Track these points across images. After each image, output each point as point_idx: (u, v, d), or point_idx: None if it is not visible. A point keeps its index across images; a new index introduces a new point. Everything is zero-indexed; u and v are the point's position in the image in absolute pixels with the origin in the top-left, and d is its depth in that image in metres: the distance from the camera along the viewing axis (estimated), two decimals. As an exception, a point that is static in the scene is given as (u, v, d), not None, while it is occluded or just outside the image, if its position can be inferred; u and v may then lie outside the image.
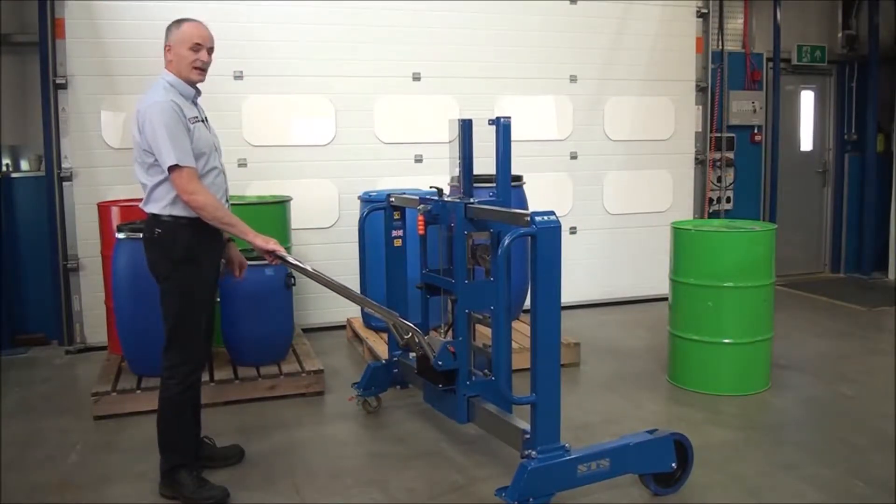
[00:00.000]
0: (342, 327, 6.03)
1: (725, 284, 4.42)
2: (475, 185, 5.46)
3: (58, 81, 5.45)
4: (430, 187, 3.94)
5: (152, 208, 3.21)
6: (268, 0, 5.87)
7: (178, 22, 3.26)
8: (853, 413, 4.26)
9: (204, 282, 3.29)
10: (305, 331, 5.72)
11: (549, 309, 2.96)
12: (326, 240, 6.13)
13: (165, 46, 3.24)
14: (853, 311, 6.72)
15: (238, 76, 5.85)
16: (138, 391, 4.30)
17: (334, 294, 3.62)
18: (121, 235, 4.45)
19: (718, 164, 7.57)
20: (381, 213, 5.37)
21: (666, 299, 4.93)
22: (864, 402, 4.42)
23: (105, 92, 5.59)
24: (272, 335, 4.69)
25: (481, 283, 3.54)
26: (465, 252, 3.50)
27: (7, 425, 4.15)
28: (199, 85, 3.33)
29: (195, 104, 3.31)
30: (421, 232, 3.76)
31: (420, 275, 3.92)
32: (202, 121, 3.29)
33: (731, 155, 7.69)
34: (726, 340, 4.47)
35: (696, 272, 4.50)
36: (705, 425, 4.04)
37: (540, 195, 5.74)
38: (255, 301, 4.59)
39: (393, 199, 4.20)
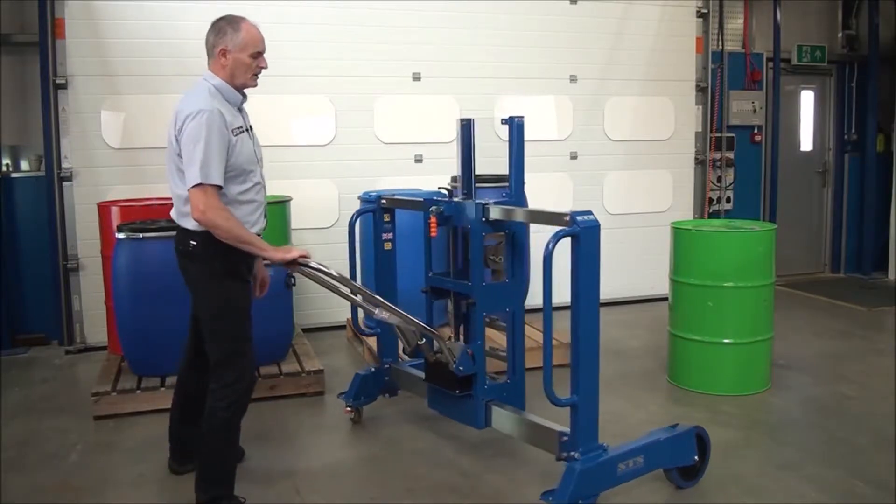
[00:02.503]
0: (342, 327, 6.03)
1: (725, 284, 4.42)
2: (480, 185, 5.49)
3: (58, 81, 5.45)
4: (440, 188, 3.90)
5: (185, 223, 3.01)
6: (268, 0, 5.87)
7: (234, 23, 3.01)
8: (853, 413, 4.26)
9: (247, 296, 3.14)
10: (305, 331, 5.72)
11: (590, 309, 3.02)
12: (326, 240, 6.13)
13: (219, 50, 2.99)
14: (853, 311, 6.72)
15: (238, 76, 5.84)
16: (138, 391, 4.29)
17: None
18: (121, 235, 4.45)
19: (718, 164, 7.57)
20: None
21: (666, 299, 4.93)
22: (864, 402, 4.42)
23: (105, 92, 5.59)
24: (272, 335, 4.69)
25: (499, 285, 3.49)
26: (482, 254, 3.43)
27: (7, 425, 4.15)
28: None
29: (240, 111, 3.11)
30: (434, 234, 3.60)
31: (425, 278, 3.75)
32: (247, 130, 3.09)
33: (731, 155, 7.69)
34: (726, 340, 4.47)
35: (696, 272, 4.50)
36: (705, 425, 4.02)
37: (540, 195, 5.74)
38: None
39: (384, 200, 4.07)
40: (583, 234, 2.93)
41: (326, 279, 3.35)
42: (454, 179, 5.71)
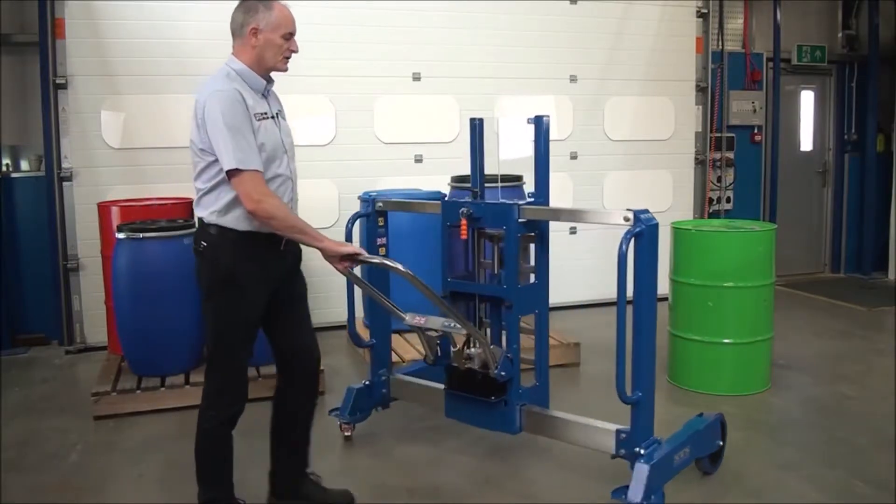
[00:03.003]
0: (342, 327, 6.01)
1: (725, 284, 4.42)
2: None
3: (58, 81, 5.45)
4: (470, 189, 3.81)
5: (199, 212, 2.88)
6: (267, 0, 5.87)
7: (266, 1, 2.83)
8: (853, 413, 4.26)
9: (249, 306, 2.85)
10: (305, 331, 5.71)
11: (650, 307, 3.04)
12: (326, 240, 6.12)
13: (250, 28, 2.78)
14: (853, 311, 6.72)
15: (238, 76, 5.84)
16: (138, 391, 4.30)
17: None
18: (121, 235, 4.45)
19: (718, 164, 7.57)
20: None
21: (666, 299, 4.92)
22: (864, 402, 4.42)
23: (105, 92, 5.59)
24: (272, 335, 4.68)
25: (531, 287, 3.44)
26: (518, 255, 3.35)
27: (7, 425, 4.15)
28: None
29: (265, 97, 2.89)
30: (464, 236, 3.46)
31: (442, 283, 3.56)
32: (272, 117, 2.87)
33: (731, 155, 7.69)
34: (726, 340, 4.47)
35: (696, 272, 4.50)
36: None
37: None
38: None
39: (380, 203, 3.91)
40: (647, 232, 2.97)
41: (366, 285, 3.30)
42: (454, 179, 5.72)
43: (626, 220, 3.00)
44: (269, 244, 2.83)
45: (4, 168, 5.79)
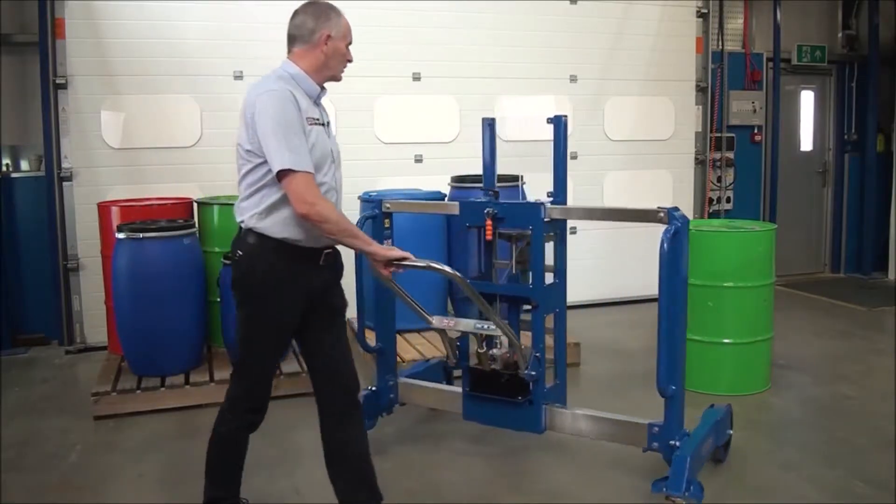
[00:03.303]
0: (342, 327, 6.02)
1: (725, 284, 4.42)
2: (475, 185, 5.48)
3: (58, 81, 5.45)
4: (487, 190, 3.78)
5: (238, 217, 2.79)
6: (268, 0, 5.87)
7: (334, 9, 2.80)
8: (853, 413, 4.26)
9: (282, 315, 2.75)
10: (305, 331, 5.71)
11: (682, 302, 3.07)
12: (326, 240, 6.12)
13: (323, 35, 2.75)
14: (853, 311, 6.72)
15: (238, 76, 5.85)
16: (138, 391, 4.30)
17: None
18: (121, 235, 4.45)
19: (718, 164, 7.57)
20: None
21: (666, 299, 4.92)
22: (864, 402, 4.42)
23: (105, 92, 5.59)
24: (272, 335, 4.68)
25: (554, 287, 3.44)
26: (543, 254, 3.34)
27: (7, 425, 4.15)
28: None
29: (317, 105, 2.82)
30: (490, 237, 3.41)
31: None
32: (323, 125, 2.78)
33: (731, 155, 7.69)
34: (726, 340, 4.47)
35: (696, 272, 4.49)
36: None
37: (540, 195, 5.74)
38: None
39: (388, 204, 3.81)
40: (682, 229, 3.04)
41: (399, 290, 3.27)
42: (454, 179, 5.72)
43: (661, 217, 3.07)
44: (308, 256, 2.72)
45: (4, 168, 5.79)
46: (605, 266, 7.03)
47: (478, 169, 5.89)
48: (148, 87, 5.66)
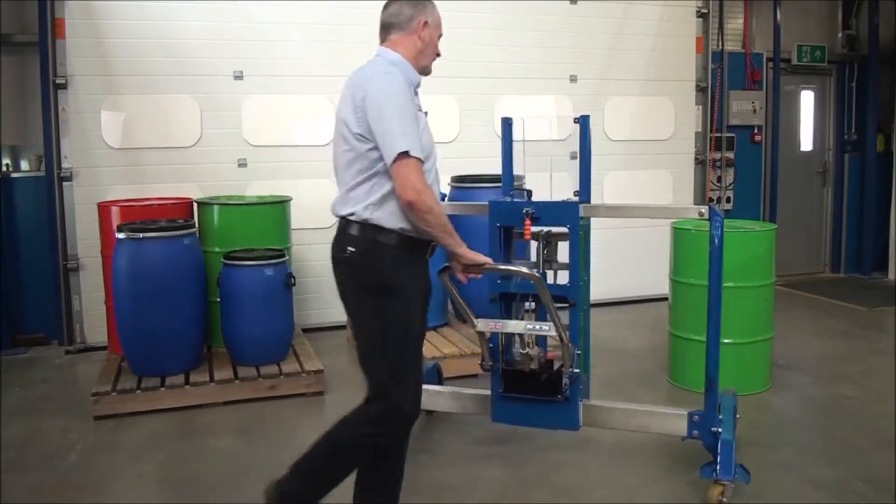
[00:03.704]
0: (342, 327, 6.02)
1: (725, 284, 4.39)
2: (479, 185, 5.49)
3: (58, 81, 5.45)
4: (518, 189, 3.78)
5: (345, 210, 2.57)
6: (268, 0, 5.87)
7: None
8: (853, 413, 4.26)
9: (410, 316, 2.57)
10: (305, 331, 5.72)
11: (720, 294, 3.27)
12: (326, 240, 6.01)
13: (421, 21, 2.71)
14: (853, 311, 6.72)
15: (238, 76, 5.85)
16: (138, 391, 4.29)
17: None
18: (121, 235, 4.45)
19: (718, 164, 7.57)
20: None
21: (666, 299, 4.93)
22: (864, 402, 4.42)
23: (105, 92, 5.59)
24: (272, 335, 4.69)
25: (585, 285, 3.47)
26: (579, 253, 3.37)
27: (7, 425, 4.15)
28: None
29: (416, 95, 2.69)
30: (528, 237, 3.37)
31: (491, 284, 3.42)
32: (425, 114, 2.68)
33: (731, 155, 7.69)
34: (726, 340, 4.44)
35: (696, 272, 4.49)
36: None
37: (540, 195, 5.74)
38: (255, 301, 4.59)
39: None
40: (721, 224, 3.20)
41: (455, 293, 3.23)
42: (454, 179, 5.72)
43: (701, 214, 3.25)
44: (420, 248, 2.60)
45: (4, 168, 5.79)
46: (605, 266, 7.01)
47: (478, 169, 5.94)
48: (148, 87, 5.66)
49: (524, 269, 2.97)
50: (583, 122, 3.51)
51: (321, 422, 4.24)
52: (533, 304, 3.50)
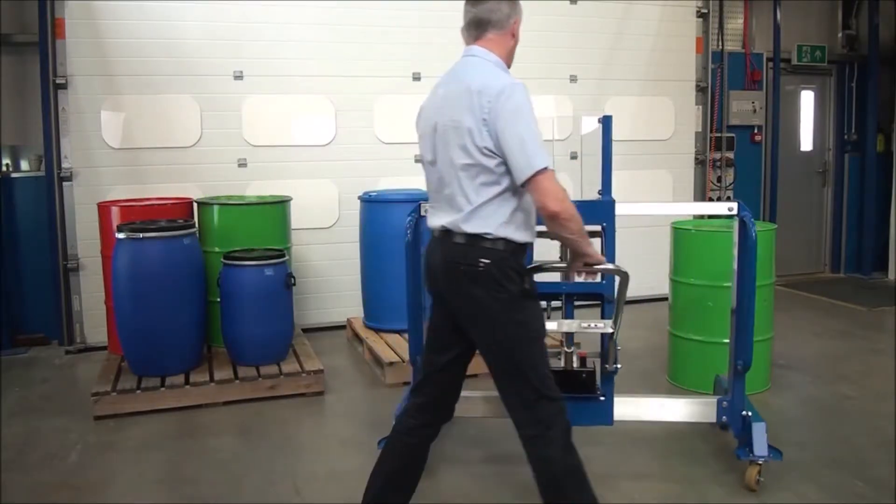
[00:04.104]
0: (342, 327, 6.03)
1: (725, 284, 4.41)
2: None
3: (58, 81, 5.45)
4: None
5: (475, 227, 2.45)
6: (267, 0, 5.87)
7: None
8: (853, 413, 4.26)
9: (542, 322, 2.62)
10: (305, 331, 5.72)
11: (753, 286, 3.40)
12: (326, 240, 6.13)
13: (516, 21, 2.63)
14: (853, 311, 6.72)
15: (238, 76, 5.85)
16: (138, 391, 4.29)
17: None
18: (121, 235, 4.45)
19: (718, 164, 7.57)
20: (380, 211, 5.40)
21: (666, 299, 4.93)
22: (864, 402, 4.42)
23: (105, 92, 5.59)
24: (272, 335, 4.69)
25: (612, 281, 3.50)
26: (615, 250, 3.46)
27: (7, 425, 4.15)
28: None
29: None
30: None
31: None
32: None
33: (731, 155, 7.69)
34: (726, 340, 4.45)
35: (696, 272, 4.50)
36: (709, 433, 4.04)
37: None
38: (255, 301, 4.59)
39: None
40: (750, 220, 3.36)
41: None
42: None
43: (730, 210, 3.42)
44: (524, 258, 2.58)
45: (4, 168, 5.79)
46: (605, 266, 7.02)
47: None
48: (148, 87, 5.66)
49: (621, 269, 2.94)
50: (605, 122, 3.62)
51: (321, 421, 4.26)
52: (558, 303, 3.56)
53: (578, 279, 2.93)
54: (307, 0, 5.97)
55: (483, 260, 2.44)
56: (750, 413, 3.39)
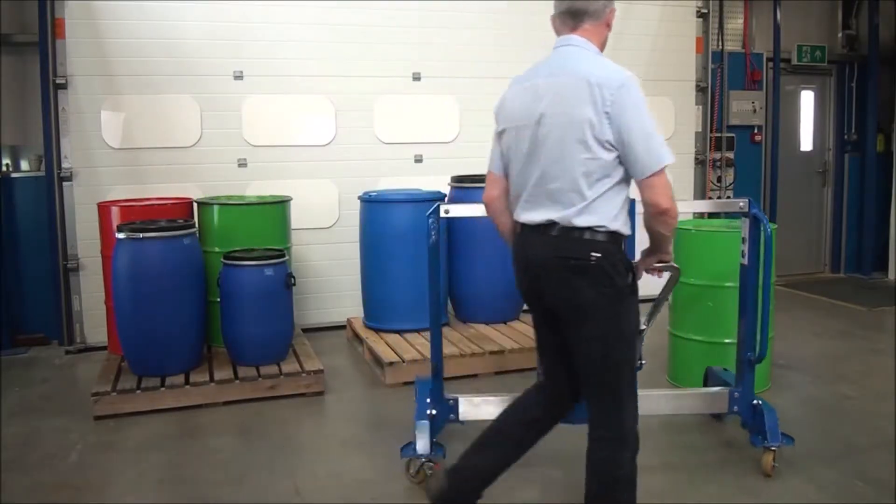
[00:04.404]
0: (342, 327, 6.03)
1: (725, 284, 4.41)
2: (480, 185, 5.48)
3: (58, 81, 5.45)
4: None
5: (588, 221, 2.42)
6: (267, 0, 5.87)
7: None
8: (853, 413, 4.26)
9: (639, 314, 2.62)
10: (305, 331, 5.72)
11: (769, 280, 3.70)
12: (326, 240, 6.13)
13: (611, 10, 2.62)
14: (853, 311, 6.72)
15: (238, 76, 5.85)
16: (138, 391, 4.29)
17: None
18: (121, 235, 4.45)
19: (718, 164, 7.57)
20: (380, 211, 5.40)
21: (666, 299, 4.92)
22: (864, 402, 4.42)
23: (105, 92, 5.59)
24: (272, 335, 4.69)
25: None
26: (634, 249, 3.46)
27: (7, 425, 4.15)
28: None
29: None
30: None
31: None
32: None
33: (731, 155, 7.69)
34: (726, 340, 4.46)
35: (696, 272, 4.50)
36: (705, 425, 4.04)
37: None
38: (255, 301, 4.59)
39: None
40: (761, 216, 3.51)
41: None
42: (454, 179, 5.72)
43: (742, 206, 3.55)
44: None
45: (4, 168, 5.79)
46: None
47: (478, 169, 5.93)
48: (148, 87, 5.66)
49: (673, 264, 2.93)
50: None
51: (321, 421, 4.26)
52: None
53: (648, 275, 2.86)
54: (307, 0, 5.98)
55: (594, 254, 2.41)
56: (760, 401, 3.54)
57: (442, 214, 3.48)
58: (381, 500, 3.28)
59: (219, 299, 4.72)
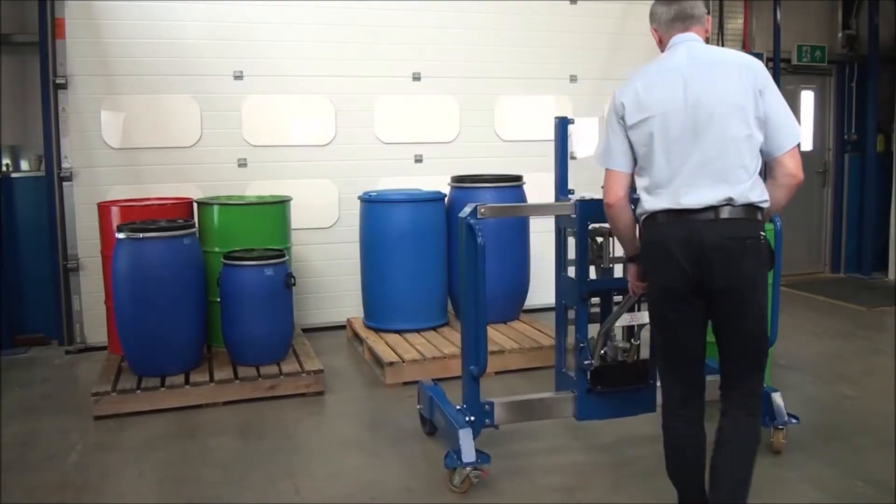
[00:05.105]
0: (342, 327, 6.03)
1: (725, 284, 4.42)
2: (480, 185, 5.50)
3: (58, 81, 5.45)
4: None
5: (758, 196, 2.56)
6: (267, 0, 5.87)
7: None
8: (853, 413, 4.26)
9: None
10: (305, 331, 5.72)
11: (777, 281, 3.73)
12: (326, 240, 6.13)
13: (707, 16, 2.82)
14: (853, 311, 6.72)
15: (238, 76, 5.85)
16: (138, 391, 4.29)
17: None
18: (121, 235, 4.45)
19: (718, 164, 7.56)
20: (380, 211, 5.41)
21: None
22: (864, 402, 4.42)
23: (105, 92, 5.59)
24: (272, 335, 4.69)
25: None
26: None
27: (7, 425, 4.15)
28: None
29: None
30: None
31: (580, 283, 3.55)
32: None
33: (731, 155, 7.67)
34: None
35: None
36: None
37: (540, 195, 5.74)
38: (255, 301, 4.59)
39: (484, 210, 3.51)
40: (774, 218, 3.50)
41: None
42: (454, 179, 5.72)
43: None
44: None
45: (4, 168, 5.79)
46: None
47: (477, 169, 5.94)
48: (148, 87, 5.66)
49: None
50: (562, 124, 3.81)
51: (321, 421, 4.26)
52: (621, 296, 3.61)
53: None
54: (307, 0, 5.98)
55: (762, 233, 2.58)
56: (766, 386, 3.51)
57: (479, 216, 3.43)
58: (381, 499, 3.28)
59: (219, 299, 4.72)
